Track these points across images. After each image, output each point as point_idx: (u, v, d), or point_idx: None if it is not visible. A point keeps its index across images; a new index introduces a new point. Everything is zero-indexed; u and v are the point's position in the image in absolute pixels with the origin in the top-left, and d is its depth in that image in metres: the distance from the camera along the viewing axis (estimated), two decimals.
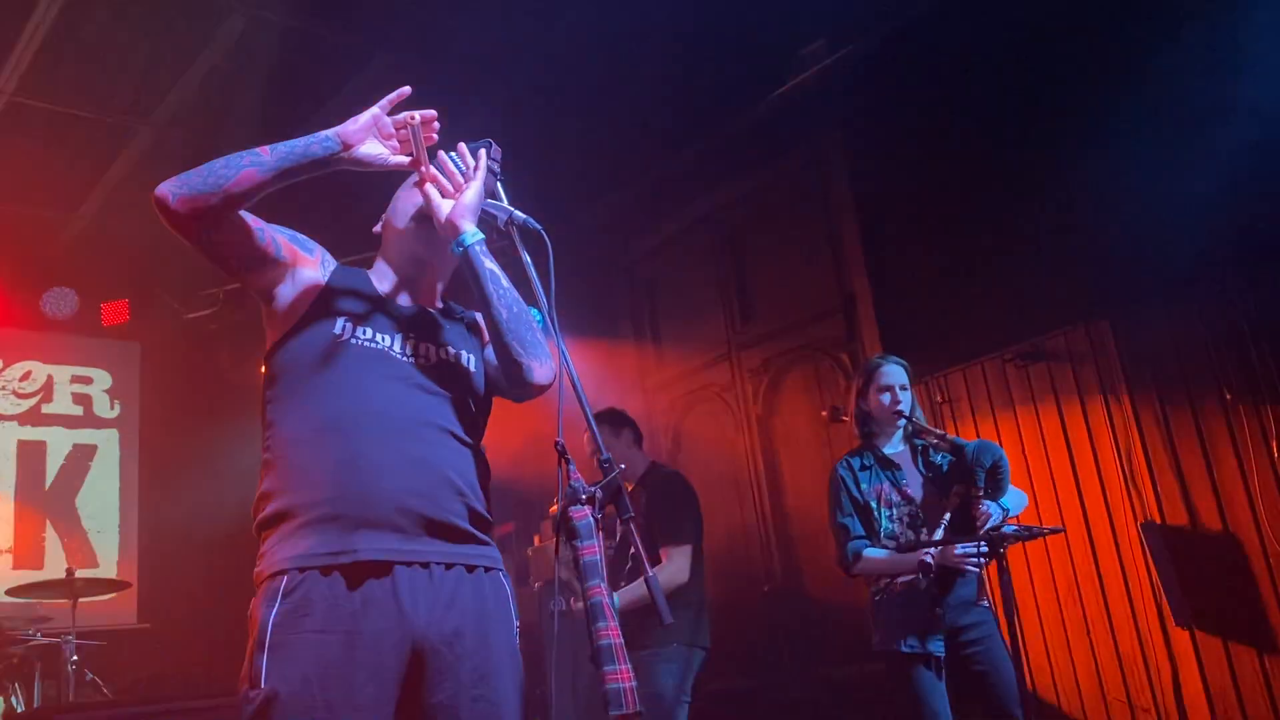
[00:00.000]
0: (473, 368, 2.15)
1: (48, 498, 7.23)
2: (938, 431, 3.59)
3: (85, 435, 7.49)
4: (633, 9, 4.96)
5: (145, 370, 7.76)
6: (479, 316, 2.19)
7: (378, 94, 2.04)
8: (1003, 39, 4.80)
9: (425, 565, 1.91)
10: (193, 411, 7.42)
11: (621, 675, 1.83)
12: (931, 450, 3.66)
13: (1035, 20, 4.68)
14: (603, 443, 4.73)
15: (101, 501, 7.41)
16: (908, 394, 3.67)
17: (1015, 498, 3.56)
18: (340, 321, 2.04)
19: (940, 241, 5.21)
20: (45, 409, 7.37)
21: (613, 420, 4.44)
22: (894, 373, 3.69)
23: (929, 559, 3.29)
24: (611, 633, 1.86)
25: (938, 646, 3.37)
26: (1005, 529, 3.24)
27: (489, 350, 2.15)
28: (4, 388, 7.24)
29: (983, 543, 3.18)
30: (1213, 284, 4.20)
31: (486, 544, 2.05)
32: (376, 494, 1.90)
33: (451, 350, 2.14)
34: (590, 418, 1.99)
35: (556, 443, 1.98)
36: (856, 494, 3.61)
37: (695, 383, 6.40)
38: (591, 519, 1.93)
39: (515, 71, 5.38)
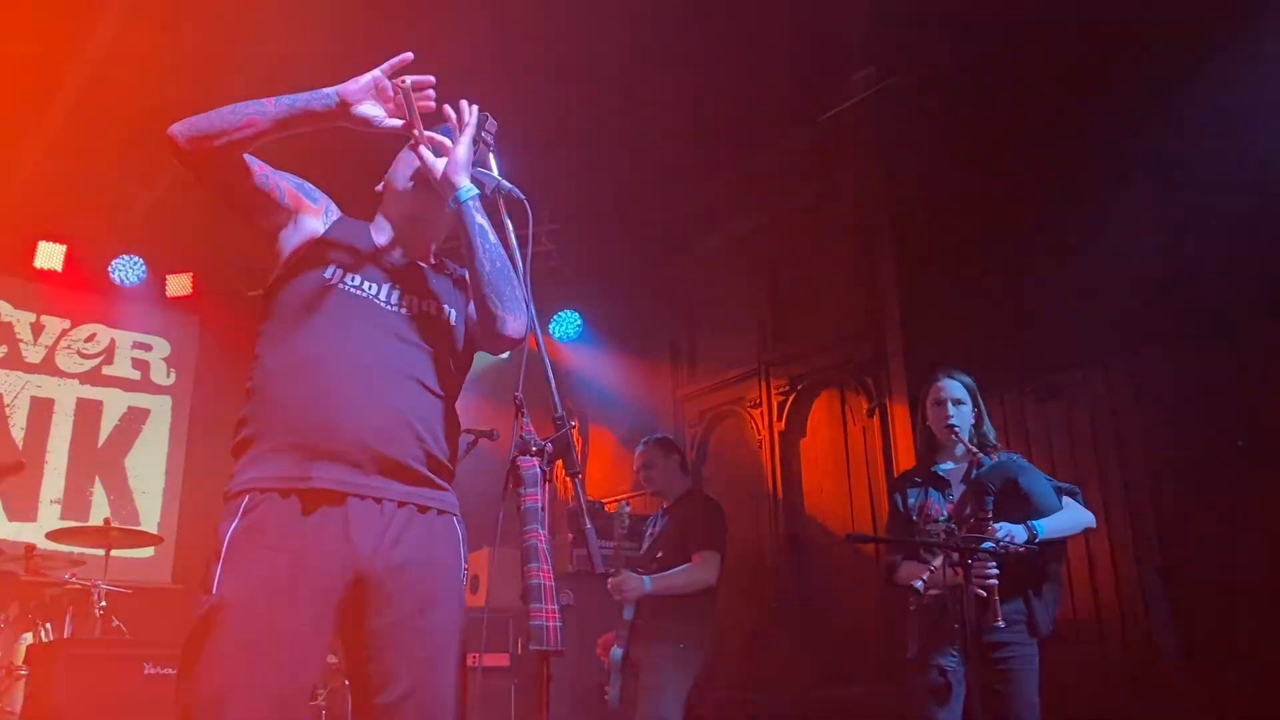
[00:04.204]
0: (453, 321, 2.28)
1: (99, 455, 7.57)
2: (972, 448, 3.50)
3: (140, 399, 7.82)
4: (678, 30, 5.08)
5: (203, 342, 8.07)
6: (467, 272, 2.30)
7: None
8: (1036, 82, 4.86)
9: (378, 500, 2.03)
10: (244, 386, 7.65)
11: (547, 614, 1.94)
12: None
13: (1073, 64, 4.74)
14: (646, 460, 4.81)
15: (149, 464, 7.72)
16: (964, 409, 3.61)
17: (1067, 517, 3.40)
18: (331, 268, 2.18)
19: (970, 273, 5.23)
20: (105, 370, 7.72)
21: (664, 444, 4.91)
22: (949, 387, 3.65)
23: (919, 585, 3.34)
24: (543, 574, 1.97)
25: (951, 661, 3.36)
26: (984, 544, 3.21)
27: (473, 305, 2.24)
28: (69, 347, 7.60)
29: (991, 563, 3.18)
30: (1232, 327, 4.17)
31: (443, 489, 2.16)
32: (338, 429, 2.02)
33: (435, 303, 2.26)
34: (552, 379, 2.10)
35: (515, 396, 2.11)
36: (901, 509, 3.64)
37: (725, 396, 6.48)
38: (539, 469, 2.05)
39: (558, 90, 5.50)
